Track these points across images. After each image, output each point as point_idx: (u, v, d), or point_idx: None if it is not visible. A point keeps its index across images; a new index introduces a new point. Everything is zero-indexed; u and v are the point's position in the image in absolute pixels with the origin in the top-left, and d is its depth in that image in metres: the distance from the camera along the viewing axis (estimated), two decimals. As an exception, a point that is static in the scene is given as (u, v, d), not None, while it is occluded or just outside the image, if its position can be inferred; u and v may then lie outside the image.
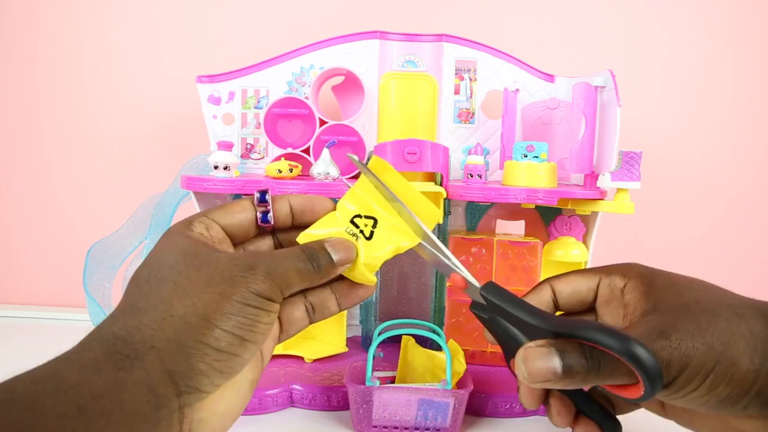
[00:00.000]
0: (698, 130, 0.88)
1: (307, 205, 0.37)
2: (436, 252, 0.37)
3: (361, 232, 0.36)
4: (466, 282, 0.36)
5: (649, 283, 0.34)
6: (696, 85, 0.87)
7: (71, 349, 0.28)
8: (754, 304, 0.32)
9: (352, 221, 0.36)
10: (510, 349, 0.34)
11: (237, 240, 0.36)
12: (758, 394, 0.29)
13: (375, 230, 0.36)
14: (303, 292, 0.36)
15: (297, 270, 0.32)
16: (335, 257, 0.34)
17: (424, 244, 0.37)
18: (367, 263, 0.36)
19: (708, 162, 0.88)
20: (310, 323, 0.37)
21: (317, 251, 0.33)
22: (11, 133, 0.89)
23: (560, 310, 0.39)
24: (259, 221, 0.36)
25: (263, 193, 0.36)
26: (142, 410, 0.26)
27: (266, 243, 0.38)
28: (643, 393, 0.28)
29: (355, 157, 0.38)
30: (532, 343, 0.31)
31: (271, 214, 0.36)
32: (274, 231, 0.38)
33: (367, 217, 0.37)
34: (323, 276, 0.34)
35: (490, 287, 0.35)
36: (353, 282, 0.37)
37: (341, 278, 0.36)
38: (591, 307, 0.38)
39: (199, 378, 0.28)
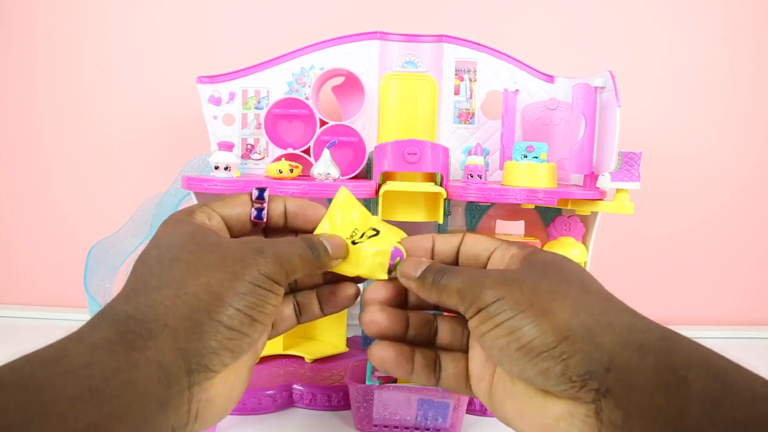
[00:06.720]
0: (697, 130, 0.88)
1: (300, 210, 0.38)
2: None
3: (362, 235, 0.37)
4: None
5: (531, 261, 0.33)
6: (695, 86, 0.87)
7: (80, 329, 0.28)
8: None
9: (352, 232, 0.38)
10: None
11: (233, 233, 0.37)
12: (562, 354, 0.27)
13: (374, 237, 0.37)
14: (293, 291, 0.38)
15: (300, 256, 0.34)
16: (330, 249, 0.36)
17: None
18: (376, 252, 0.36)
19: (707, 162, 0.88)
20: (298, 323, 0.38)
21: (315, 242, 0.35)
22: (11, 133, 0.89)
23: (458, 261, 0.39)
24: (252, 217, 0.37)
25: (261, 190, 0.37)
26: (152, 390, 0.26)
27: None
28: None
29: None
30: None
31: (264, 212, 0.37)
32: (266, 230, 0.39)
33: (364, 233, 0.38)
34: (321, 265, 0.35)
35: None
36: (334, 288, 0.38)
37: (324, 283, 0.39)
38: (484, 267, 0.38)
39: (210, 356, 0.29)
